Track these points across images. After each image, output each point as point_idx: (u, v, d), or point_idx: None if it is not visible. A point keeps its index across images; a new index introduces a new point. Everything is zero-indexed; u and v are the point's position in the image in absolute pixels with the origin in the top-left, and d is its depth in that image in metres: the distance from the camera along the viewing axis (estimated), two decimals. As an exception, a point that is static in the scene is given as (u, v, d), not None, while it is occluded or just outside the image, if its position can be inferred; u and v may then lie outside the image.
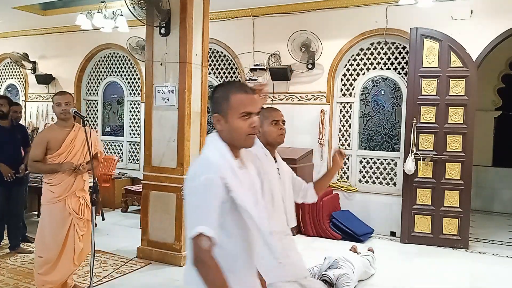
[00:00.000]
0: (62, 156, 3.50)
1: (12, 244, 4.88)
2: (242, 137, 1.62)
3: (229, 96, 1.62)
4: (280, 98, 6.70)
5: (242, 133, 1.62)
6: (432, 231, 5.60)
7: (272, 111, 2.41)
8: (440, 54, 5.54)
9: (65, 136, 3.53)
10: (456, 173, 5.53)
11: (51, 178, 3.51)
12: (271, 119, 2.35)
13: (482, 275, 4.61)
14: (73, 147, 3.54)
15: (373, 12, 6.07)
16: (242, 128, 1.61)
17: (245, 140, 1.63)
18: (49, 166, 3.50)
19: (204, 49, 4.83)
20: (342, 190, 6.38)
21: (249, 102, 1.63)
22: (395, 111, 6.26)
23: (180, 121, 4.61)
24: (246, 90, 1.66)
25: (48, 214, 3.53)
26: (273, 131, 2.34)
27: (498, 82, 7.85)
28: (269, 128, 2.34)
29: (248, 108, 1.61)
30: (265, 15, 6.75)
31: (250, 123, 1.62)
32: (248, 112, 1.62)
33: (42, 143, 3.50)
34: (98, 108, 8.60)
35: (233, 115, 1.61)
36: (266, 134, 2.34)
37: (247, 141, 1.64)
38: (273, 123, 2.34)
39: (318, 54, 6.32)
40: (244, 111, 1.61)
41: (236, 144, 1.65)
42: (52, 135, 3.53)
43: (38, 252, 3.57)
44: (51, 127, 3.71)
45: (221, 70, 7.41)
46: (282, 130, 2.36)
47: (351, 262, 4.05)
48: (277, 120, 2.36)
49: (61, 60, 8.64)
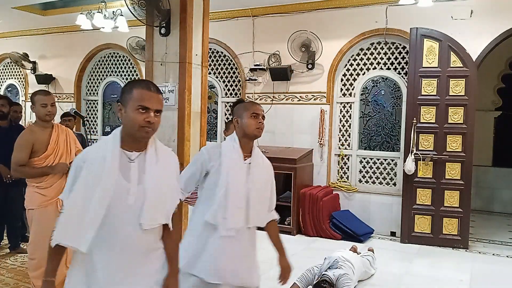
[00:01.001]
0: (49, 158, 3.35)
1: (12, 244, 4.89)
2: (135, 128, 1.71)
3: (132, 89, 1.74)
4: (280, 98, 6.70)
5: (136, 124, 1.70)
6: (432, 231, 5.61)
7: (253, 105, 2.39)
8: (440, 54, 5.55)
9: (48, 137, 3.38)
10: (456, 173, 5.53)
11: (40, 181, 3.34)
12: (252, 111, 2.32)
13: (482, 275, 4.61)
14: (58, 148, 3.41)
15: (373, 12, 6.07)
16: (136, 119, 1.70)
17: (137, 131, 1.72)
18: (38, 169, 3.31)
19: (204, 49, 4.83)
20: (342, 190, 6.38)
21: (148, 97, 1.72)
22: (395, 111, 6.26)
23: (180, 121, 4.61)
24: (149, 87, 1.76)
25: (41, 217, 3.35)
26: (252, 123, 2.31)
27: (498, 82, 7.85)
28: (248, 120, 2.31)
29: (145, 102, 1.71)
30: (265, 15, 6.75)
31: (146, 117, 1.70)
32: (144, 106, 1.71)
33: (27, 146, 3.28)
34: (98, 108, 8.61)
35: (131, 107, 1.72)
36: (244, 126, 2.31)
37: (140, 132, 1.72)
38: (252, 115, 2.31)
39: (318, 54, 6.32)
40: (140, 105, 1.71)
41: (131, 134, 1.74)
42: (35, 137, 3.34)
43: (31, 255, 3.45)
44: (31, 128, 3.44)
45: (221, 70, 7.41)
46: (260, 124, 2.33)
47: (351, 262, 4.04)
48: (257, 113, 2.33)
49: (61, 60, 8.64)
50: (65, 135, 3.49)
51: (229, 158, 2.29)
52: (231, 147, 2.33)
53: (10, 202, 4.75)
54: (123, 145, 1.75)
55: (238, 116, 2.36)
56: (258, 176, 2.34)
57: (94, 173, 1.68)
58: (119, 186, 1.70)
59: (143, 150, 1.79)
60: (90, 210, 1.66)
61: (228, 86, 7.38)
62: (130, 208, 1.72)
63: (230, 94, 7.36)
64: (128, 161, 1.75)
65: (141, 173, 1.75)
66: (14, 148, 3.33)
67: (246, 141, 2.35)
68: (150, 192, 1.75)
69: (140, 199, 1.73)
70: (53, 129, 3.43)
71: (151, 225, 1.77)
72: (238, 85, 7.23)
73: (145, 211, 1.74)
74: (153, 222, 1.78)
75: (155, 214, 1.78)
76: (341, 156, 6.46)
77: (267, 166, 2.45)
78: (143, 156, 1.78)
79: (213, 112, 7.54)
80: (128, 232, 1.73)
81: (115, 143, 1.75)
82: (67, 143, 3.46)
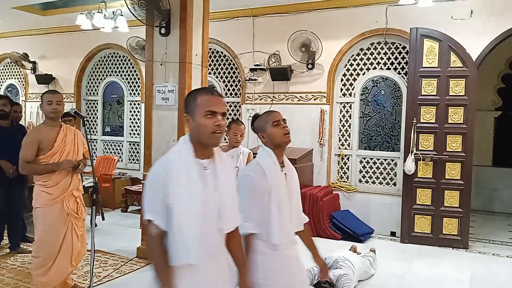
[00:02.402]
0: (55, 156, 3.42)
1: (12, 244, 4.89)
2: (207, 134, 1.74)
3: (196, 97, 1.79)
4: (280, 98, 6.70)
5: (207, 131, 1.73)
6: (432, 231, 5.61)
7: (270, 113, 2.35)
8: (440, 54, 5.55)
9: (56, 135, 3.45)
10: (456, 173, 5.53)
11: (47, 180, 3.40)
12: (272, 121, 2.29)
13: (482, 275, 4.61)
14: (64, 147, 3.47)
15: (373, 12, 6.07)
16: (206, 125, 1.73)
17: (209, 138, 1.75)
18: (45, 166, 3.38)
19: (204, 49, 4.84)
20: (342, 190, 6.38)
21: (213, 102, 1.76)
22: (395, 111, 6.26)
23: (180, 121, 4.61)
24: (212, 92, 1.81)
25: (47, 216, 3.42)
26: (277, 132, 2.27)
27: (498, 82, 7.85)
28: (271, 130, 2.27)
29: (212, 107, 1.74)
30: (265, 15, 6.75)
31: (215, 121, 1.73)
32: (212, 110, 1.74)
33: (33, 143, 3.37)
34: (98, 108, 8.61)
35: (199, 114, 1.75)
36: (271, 137, 2.28)
37: (212, 139, 1.75)
38: (274, 124, 2.28)
39: (318, 54, 6.32)
40: (208, 110, 1.74)
41: (201, 142, 1.77)
42: (42, 135, 3.42)
43: (36, 253, 3.49)
44: (39, 127, 3.57)
45: (221, 70, 7.41)
46: (285, 129, 2.29)
47: (351, 262, 4.04)
48: (277, 120, 2.29)
49: (61, 60, 8.64)
50: (73, 135, 3.56)
51: (274, 176, 2.25)
52: (272, 164, 2.27)
53: (11, 202, 4.75)
54: (196, 154, 1.79)
55: (262, 131, 2.32)
56: (293, 184, 2.36)
57: (180, 186, 1.70)
58: (201, 195, 1.74)
59: (211, 157, 1.83)
60: (193, 224, 1.71)
61: (228, 86, 7.38)
62: (210, 214, 1.77)
63: (230, 94, 7.35)
64: (203, 169, 1.79)
65: (216, 180, 1.80)
66: (22, 146, 3.42)
67: (280, 150, 2.32)
68: (226, 197, 1.81)
69: (218, 204, 1.79)
70: (61, 128, 3.51)
71: (230, 228, 1.86)
72: (238, 85, 7.23)
73: (224, 216, 1.80)
74: (231, 225, 1.87)
75: (231, 217, 1.86)
76: (341, 156, 6.46)
77: (295, 172, 2.45)
78: (212, 163, 1.82)
79: (213, 112, 7.52)
80: (210, 238, 1.78)
81: (189, 152, 1.77)
82: (75, 143, 3.52)
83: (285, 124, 2.32)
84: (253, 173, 2.23)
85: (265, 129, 2.29)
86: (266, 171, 2.23)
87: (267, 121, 2.31)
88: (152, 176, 1.75)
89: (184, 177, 1.71)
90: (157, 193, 1.71)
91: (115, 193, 7.34)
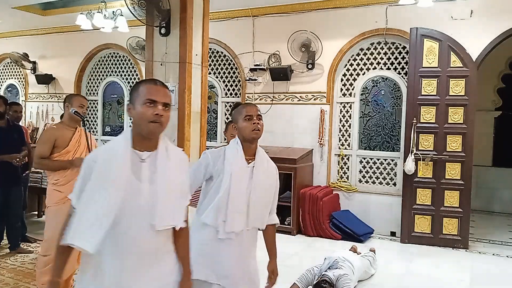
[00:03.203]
0: (69, 154, 3.51)
1: (12, 244, 4.89)
2: (144, 123, 1.70)
3: (139, 86, 1.77)
4: (280, 98, 6.70)
5: (145, 119, 1.69)
6: (432, 231, 5.61)
7: (246, 106, 2.33)
8: (440, 54, 5.55)
9: (72, 135, 3.56)
10: (456, 173, 5.53)
11: (58, 178, 3.48)
12: (244, 115, 2.27)
13: (482, 275, 4.61)
14: (78, 147, 3.57)
15: (373, 12, 6.07)
16: (144, 114, 1.70)
17: (147, 127, 1.70)
18: (58, 162, 3.47)
19: (204, 49, 4.83)
20: (342, 190, 6.38)
21: (154, 90, 1.73)
22: (395, 111, 6.26)
23: (180, 121, 4.61)
24: (155, 82, 1.78)
25: (58, 215, 3.42)
26: (246, 126, 2.26)
27: (498, 82, 7.85)
28: (242, 124, 2.27)
29: (152, 96, 1.71)
30: (265, 15, 6.75)
31: (154, 110, 1.69)
32: (151, 99, 1.70)
33: (50, 140, 3.48)
34: (98, 108, 8.61)
35: (139, 103, 1.72)
36: (241, 130, 2.28)
37: (149, 127, 1.70)
38: (246, 118, 2.26)
39: (318, 54, 6.32)
40: (148, 98, 1.70)
41: (141, 131, 1.73)
42: (59, 133, 3.53)
43: (45, 252, 3.52)
44: (57, 126, 3.68)
45: (221, 70, 7.41)
46: (255, 125, 2.26)
47: (351, 262, 4.04)
48: (250, 115, 2.27)
49: (61, 60, 8.64)
50: (85, 138, 3.64)
51: (232, 162, 2.26)
52: (235, 150, 2.30)
53: (11, 201, 4.76)
54: (134, 145, 1.74)
55: (235, 121, 2.34)
56: (261, 180, 2.30)
57: (106, 173, 1.66)
58: (130, 186, 1.68)
59: (154, 150, 1.77)
60: (101, 211, 1.64)
61: (228, 86, 7.38)
62: (141, 209, 1.70)
63: (230, 94, 7.35)
64: (139, 160, 1.73)
65: (153, 173, 1.73)
66: (37, 142, 3.58)
67: (247, 144, 2.31)
68: (162, 192, 1.72)
69: (152, 199, 1.71)
70: (76, 129, 3.62)
71: (165, 225, 1.75)
72: (238, 85, 7.23)
73: (158, 211, 1.71)
74: (166, 222, 1.76)
75: (168, 214, 1.76)
76: (341, 156, 6.46)
77: (272, 170, 2.40)
78: (154, 156, 1.76)
79: (213, 112, 7.54)
80: (138, 233, 1.70)
81: (127, 143, 1.73)
82: (89, 144, 3.59)
83: (257, 120, 2.29)
84: (209, 152, 2.33)
85: (237, 121, 2.31)
86: (226, 156, 2.28)
87: (241, 113, 2.30)
88: (84, 162, 1.74)
89: (109, 166, 1.66)
90: (81, 177, 1.71)
91: (115, 193, 7.33)
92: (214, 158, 2.30)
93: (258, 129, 2.28)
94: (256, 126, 2.27)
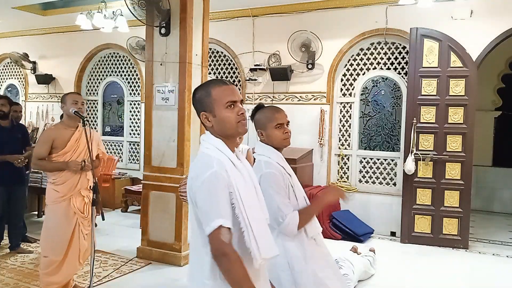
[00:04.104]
0: (67, 155, 3.52)
1: (12, 244, 4.89)
2: (233, 125, 1.67)
3: (210, 91, 1.69)
4: (280, 98, 6.70)
5: (232, 121, 1.67)
6: (432, 231, 5.60)
7: (276, 113, 2.21)
8: (440, 54, 5.55)
9: (70, 135, 3.56)
10: (456, 173, 5.53)
11: (56, 177, 3.50)
12: (275, 123, 2.17)
13: (482, 275, 4.61)
14: (77, 147, 3.57)
15: (373, 12, 6.07)
16: (230, 117, 1.67)
17: (237, 128, 1.68)
18: (54, 164, 3.49)
19: (204, 49, 4.84)
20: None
21: (230, 92, 1.69)
22: (395, 111, 6.26)
23: (180, 121, 4.61)
24: (224, 82, 1.73)
25: (53, 214, 3.53)
26: (278, 135, 2.18)
27: (498, 82, 7.85)
28: (272, 131, 2.17)
29: (231, 97, 1.67)
30: (265, 15, 6.75)
31: (237, 110, 1.67)
32: (232, 100, 1.67)
33: (48, 141, 3.49)
34: (98, 108, 8.60)
35: (219, 107, 1.67)
36: (271, 138, 2.19)
37: (239, 128, 1.68)
38: (277, 126, 2.17)
39: (318, 54, 6.32)
40: (228, 101, 1.67)
41: (229, 135, 1.69)
42: (58, 133, 3.54)
43: (43, 252, 3.56)
44: (56, 126, 3.69)
45: (221, 70, 7.41)
46: (287, 133, 2.19)
47: (351, 262, 4.05)
48: (281, 123, 2.18)
49: (61, 60, 8.64)
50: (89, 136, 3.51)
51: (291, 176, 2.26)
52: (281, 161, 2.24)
53: (11, 201, 4.76)
54: None
55: (262, 128, 2.21)
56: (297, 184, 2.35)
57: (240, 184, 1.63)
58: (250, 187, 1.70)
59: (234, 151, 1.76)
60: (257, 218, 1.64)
61: (228, 86, 7.37)
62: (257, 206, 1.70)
63: (230, 94, 7.34)
64: (239, 162, 1.73)
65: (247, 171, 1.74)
66: (36, 143, 3.59)
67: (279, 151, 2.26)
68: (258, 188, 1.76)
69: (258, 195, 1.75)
70: (77, 129, 3.61)
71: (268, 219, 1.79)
72: (238, 85, 7.23)
73: (264, 208, 1.75)
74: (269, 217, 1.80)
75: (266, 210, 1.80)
76: (341, 156, 6.46)
77: None
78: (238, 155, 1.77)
79: (213, 112, 7.53)
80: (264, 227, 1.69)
81: (228, 149, 1.68)
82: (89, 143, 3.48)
83: (287, 128, 2.22)
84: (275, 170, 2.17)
85: (266, 128, 2.20)
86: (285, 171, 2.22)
87: (271, 120, 2.19)
88: (211, 176, 1.56)
89: (236, 173, 1.64)
90: (223, 193, 1.56)
91: (115, 193, 7.35)
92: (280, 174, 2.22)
93: (289, 136, 2.23)
94: (288, 135, 2.21)
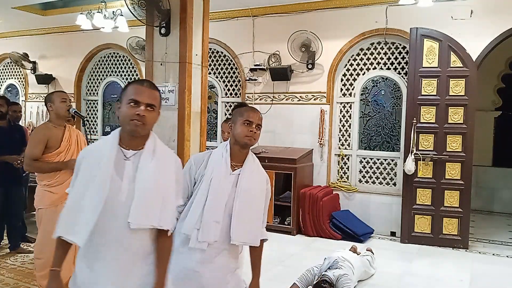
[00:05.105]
0: (61, 155, 3.42)
1: (12, 244, 4.89)
2: (126, 122, 1.74)
3: (127, 86, 1.81)
4: (280, 98, 6.70)
5: (126, 118, 1.74)
6: (432, 231, 5.60)
7: (249, 111, 2.18)
8: (440, 54, 5.54)
9: (62, 134, 3.48)
10: (456, 173, 5.53)
11: (51, 179, 3.39)
12: (245, 119, 2.14)
13: (482, 275, 4.61)
14: (70, 146, 3.50)
15: (373, 12, 6.07)
16: (126, 113, 1.74)
17: (128, 125, 1.74)
18: (52, 164, 3.37)
19: (204, 49, 4.83)
20: (342, 190, 6.37)
21: (139, 91, 1.76)
22: (395, 111, 6.26)
23: (180, 121, 4.60)
24: (143, 83, 1.81)
25: (50, 217, 3.35)
26: (242, 130, 2.12)
27: (498, 82, 7.85)
28: (240, 127, 2.14)
29: (136, 96, 1.74)
30: (265, 15, 6.75)
31: (136, 110, 1.72)
32: (134, 99, 1.74)
33: (42, 141, 3.36)
34: (98, 108, 8.61)
35: (124, 102, 1.76)
36: (236, 132, 2.15)
37: (130, 126, 1.74)
38: (245, 122, 2.13)
39: (318, 54, 6.32)
40: (131, 98, 1.74)
41: (125, 130, 1.78)
42: (50, 133, 3.42)
43: (37, 254, 3.47)
44: (46, 125, 3.53)
45: (221, 70, 7.41)
46: (251, 132, 2.12)
47: (351, 262, 4.04)
48: (250, 121, 2.13)
49: (61, 60, 8.64)
50: (76, 135, 3.60)
51: (214, 167, 2.14)
52: (220, 155, 2.17)
53: (11, 202, 4.75)
54: (121, 143, 1.79)
55: (233, 121, 2.20)
56: (247, 188, 2.13)
57: (91, 169, 1.73)
58: (113, 183, 1.72)
59: (141, 149, 1.80)
60: (87, 205, 1.69)
61: (228, 86, 7.38)
62: (121, 206, 1.72)
63: (230, 94, 7.35)
64: (123, 158, 1.77)
65: (135, 171, 1.76)
66: (28, 143, 3.44)
67: (238, 149, 2.17)
68: (139, 190, 1.73)
69: (131, 197, 1.73)
70: (65, 128, 3.55)
71: (139, 224, 1.72)
72: (238, 85, 7.23)
73: (132, 210, 1.71)
74: (141, 222, 1.73)
75: (144, 214, 1.73)
76: (341, 156, 6.46)
77: (262, 179, 2.23)
78: (139, 155, 1.79)
79: (213, 112, 7.54)
80: (117, 230, 1.72)
81: (114, 140, 1.78)
82: (78, 142, 3.57)
83: (255, 129, 2.15)
84: (193, 156, 2.26)
85: (236, 122, 2.18)
86: (209, 160, 2.17)
87: (242, 115, 2.17)
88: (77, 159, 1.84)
89: (95, 162, 1.73)
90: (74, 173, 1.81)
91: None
92: (197, 162, 2.19)
93: (254, 137, 2.16)
94: (252, 134, 2.14)
